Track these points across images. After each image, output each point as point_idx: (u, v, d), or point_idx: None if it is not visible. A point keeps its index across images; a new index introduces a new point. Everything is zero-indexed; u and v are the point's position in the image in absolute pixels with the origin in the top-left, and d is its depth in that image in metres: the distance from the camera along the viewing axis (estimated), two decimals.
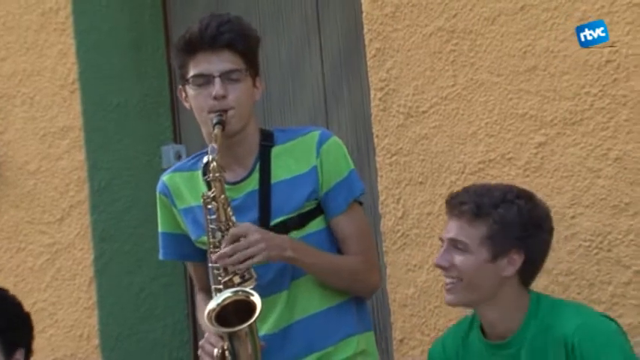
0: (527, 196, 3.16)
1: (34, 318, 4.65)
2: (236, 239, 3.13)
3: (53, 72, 4.72)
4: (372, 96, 3.97)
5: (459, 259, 3.11)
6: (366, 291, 3.37)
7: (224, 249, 3.13)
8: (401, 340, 3.95)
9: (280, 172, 3.28)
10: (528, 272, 3.13)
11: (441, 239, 3.17)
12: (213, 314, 3.11)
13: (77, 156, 4.67)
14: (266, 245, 3.14)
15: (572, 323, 3.06)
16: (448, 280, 3.12)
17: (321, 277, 3.27)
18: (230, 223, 3.16)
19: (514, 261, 3.09)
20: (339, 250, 3.31)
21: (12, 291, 4.63)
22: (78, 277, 4.70)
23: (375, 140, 3.98)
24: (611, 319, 3.14)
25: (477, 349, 3.19)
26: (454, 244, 3.11)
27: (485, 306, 3.14)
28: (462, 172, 3.82)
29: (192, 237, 3.32)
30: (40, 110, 4.75)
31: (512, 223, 3.09)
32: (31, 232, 4.80)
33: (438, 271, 3.73)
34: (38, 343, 4.66)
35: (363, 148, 4.20)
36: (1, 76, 4.84)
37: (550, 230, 3.17)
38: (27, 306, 4.62)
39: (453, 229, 3.13)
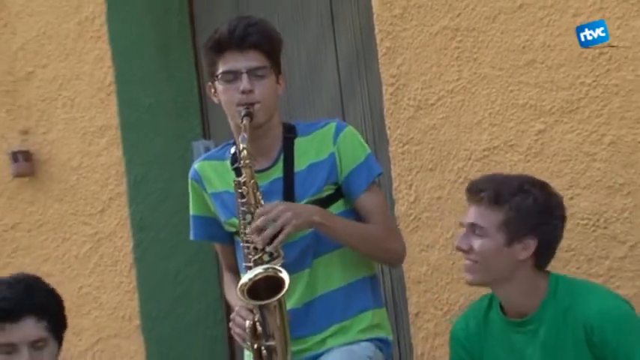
0: (542, 186, 3.11)
1: (80, 302, 4.76)
2: (262, 217, 3.13)
3: (91, 76, 4.73)
4: (384, 91, 3.98)
5: (477, 242, 3.06)
6: (392, 257, 3.39)
7: (255, 224, 3.13)
8: (416, 314, 3.96)
9: (302, 161, 3.29)
10: (542, 256, 3.09)
11: (461, 224, 3.15)
12: (245, 288, 3.12)
13: (115, 152, 4.68)
14: (293, 214, 3.14)
15: (593, 306, 3.04)
16: (467, 262, 3.10)
17: (349, 242, 3.27)
18: (259, 206, 3.17)
19: (528, 246, 3.05)
20: None
21: (59, 277, 4.74)
22: (119, 263, 4.71)
23: (388, 132, 3.98)
24: (625, 301, 3.11)
25: (498, 326, 3.16)
26: (473, 229, 3.07)
27: (503, 286, 3.10)
28: (469, 159, 3.82)
29: (222, 219, 3.33)
30: (80, 111, 4.77)
31: (528, 211, 3.05)
32: (75, 224, 4.82)
33: (449, 250, 3.83)
34: (84, 324, 4.76)
35: (377, 139, 4.20)
36: (44, 81, 4.85)
37: (562, 218, 3.13)
38: (73, 291, 4.76)
39: (472, 214, 3.09)
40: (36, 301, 3.02)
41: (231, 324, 3.21)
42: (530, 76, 3.69)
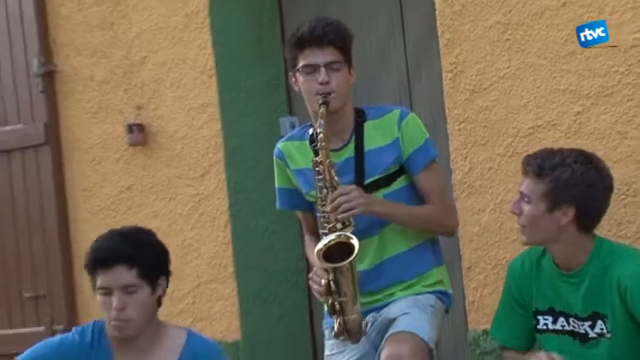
0: (586, 161, 3.09)
1: (183, 252, 4.76)
2: (339, 196, 3.19)
3: (195, 61, 4.70)
4: (444, 76, 3.97)
5: (525, 208, 3.09)
6: (446, 232, 3.40)
7: (330, 205, 3.18)
8: (468, 268, 3.96)
9: (371, 142, 3.31)
10: (583, 222, 3.09)
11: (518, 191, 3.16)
12: (321, 253, 3.17)
13: (214, 126, 4.66)
14: (363, 201, 3.19)
15: (628, 269, 3.04)
16: (519, 224, 3.13)
17: (409, 224, 3.30)
18: (334, 182, 3.21)
19: (567, 213, 3.06)
20: (424, 202, 3.33)
21: (166, 231, 4.71)
22: (216, 220, 4.69)
23: (447, 111, 3.98)
24: None
25: (548, 273, 3.18)
26: (522, 197, 3.10)
27: (552, 245, 3.13)
28: (516, 136, 3.83)
29: (303, 191, 3.37)
30: (185, 91, 4.75)
31: (566, 184, 3.05)
32: (179, 186, 4.79)
33: (498, 214, 3.84)
34: (186, 271, 4.75)
35: (437, 118, 4.17)
36: (155, 65, 4.83)
37: (604, 189, 3.10)
38: (177, 243, 4.75)
39: (523, 183, 3.12)
40: (127, 252, 3.02)
41: (310, 282, 3.26)
42: (571, 65, 3.69)
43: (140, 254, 3.04)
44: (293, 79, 3.34)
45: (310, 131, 3.36)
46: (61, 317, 5.07)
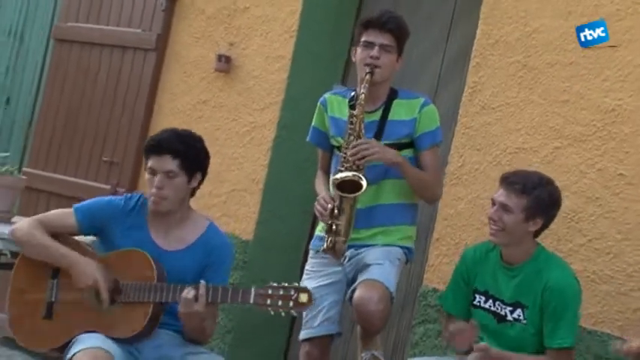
0: (551, 182, 3.12)
1: (229, 162, 4.74)
2: (361, 144, 3.26)
3: (283, 21, 4.68)
4: (464, 90, 3.98)
5: (505, 216, 3.06)
6: (431, 197, 3.46)
7: (352, 149, 3.27)
8: (437, 239, 4.00)
9: (394, 115, 3.39)
10: (540, 231, 3.13)
11: (492, 200, 3.10)
12: (336, 182, 3.25)
13: (282, 75, 4.64)
14: (379, 150, 3.26)
15: (557, 274, 3.06)
16: (493, 229, 3.09)
17: (411, 180, 3.35)
18: (360, 134, 3.28)
19: (537, 223, 3.08)
20: None
21: (222, 143, 4.74)
22: (262, 145, 4.68)
23: (459, 117, 3.99)
24: (579, 284, 3.11)
25: (492, 263, 3.20)
26: (504, 207, 3.06)
27: (511, 247, 3.13)
28: (504, 151, 3.85)
29: (331, 134, 3.46)
30: (269, 42, 4.70)
31: (543, 201, 3.07)
32: (243, 112, 4.77)
33: (472, 204, 3.87)
34: (228, 177, 4.75)
35: (450, 120, 4.15)
36: (253, 16, 4.76)
37: (559, 207, 3.14)
38: (227, 154, 4.74)
39: (505, 197, 3.06)
40: (176, 146, 3.06)
41: (316, 204, 3.34)
42: (562, 110, 3.71)
43: (185, 151, 3.07)
44: (354, 52, 3.41)
45: (352, 94, 3.43)
46: (125, 182, 5.14)
